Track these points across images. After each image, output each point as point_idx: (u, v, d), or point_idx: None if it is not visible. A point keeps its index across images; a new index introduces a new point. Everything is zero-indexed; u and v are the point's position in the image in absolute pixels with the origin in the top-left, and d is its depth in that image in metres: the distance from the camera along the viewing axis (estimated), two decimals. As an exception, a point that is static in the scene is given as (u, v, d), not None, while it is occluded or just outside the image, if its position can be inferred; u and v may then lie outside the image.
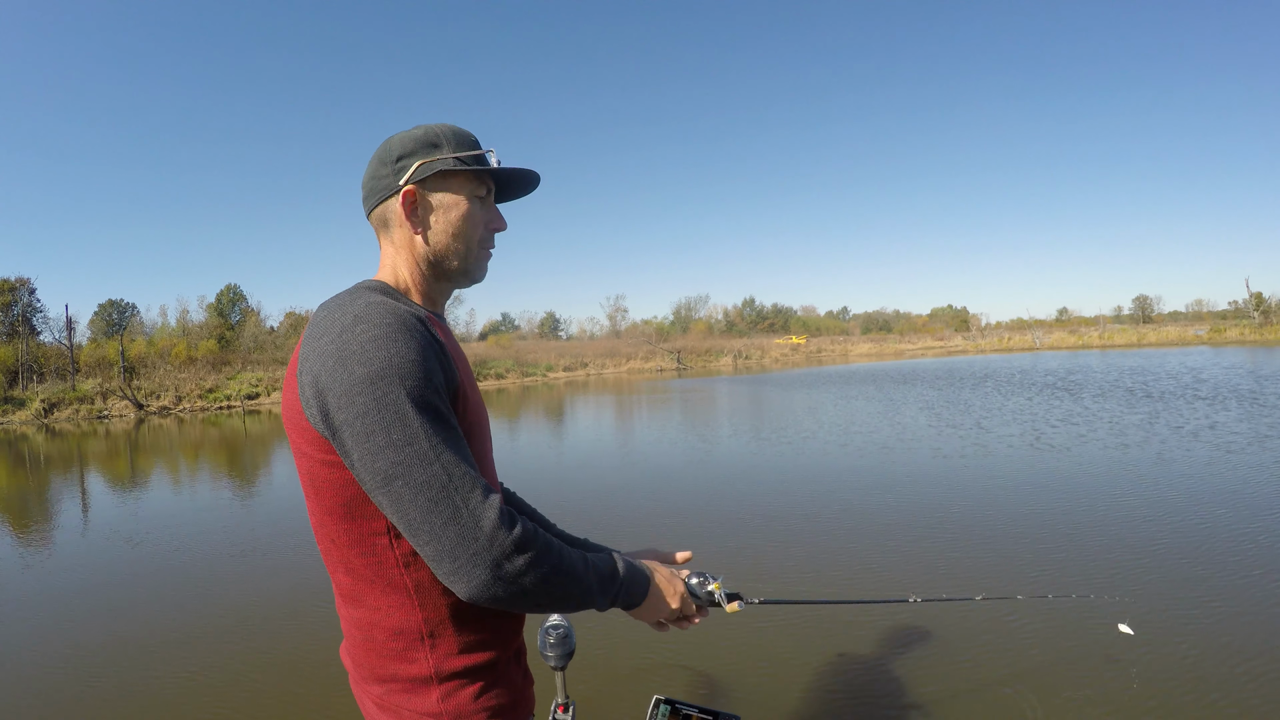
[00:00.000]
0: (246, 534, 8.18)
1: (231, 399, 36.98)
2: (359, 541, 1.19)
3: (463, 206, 1.33)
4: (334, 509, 1.19)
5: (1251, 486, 7.32)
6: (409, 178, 1.29)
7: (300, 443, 1.19)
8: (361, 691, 1.29)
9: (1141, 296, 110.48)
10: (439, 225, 1.32)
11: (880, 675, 3.89)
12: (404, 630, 1.20)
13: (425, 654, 1.21)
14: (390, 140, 1.33)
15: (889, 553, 5.93)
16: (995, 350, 59.25)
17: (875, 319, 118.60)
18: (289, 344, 54.42)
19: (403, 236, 1.33)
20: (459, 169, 1.31)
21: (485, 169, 1.34)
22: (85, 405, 34.39)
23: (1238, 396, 14.97)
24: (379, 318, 1.12)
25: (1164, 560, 5.32)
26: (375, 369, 1.08)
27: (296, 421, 1.18)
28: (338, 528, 1.20)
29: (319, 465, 1.17)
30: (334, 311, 1.17)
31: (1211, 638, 4.05)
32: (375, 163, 1.33)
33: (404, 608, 1.20)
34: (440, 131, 1.32)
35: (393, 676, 1.22)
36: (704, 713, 1.56)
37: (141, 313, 66.47)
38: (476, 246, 1.37)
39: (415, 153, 1.30)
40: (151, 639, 5.06)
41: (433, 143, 1.31)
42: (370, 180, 1.34)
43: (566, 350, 61.77)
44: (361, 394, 1.07)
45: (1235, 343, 45.26)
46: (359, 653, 1.26)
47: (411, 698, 1.21)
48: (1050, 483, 8.06)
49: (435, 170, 1.30)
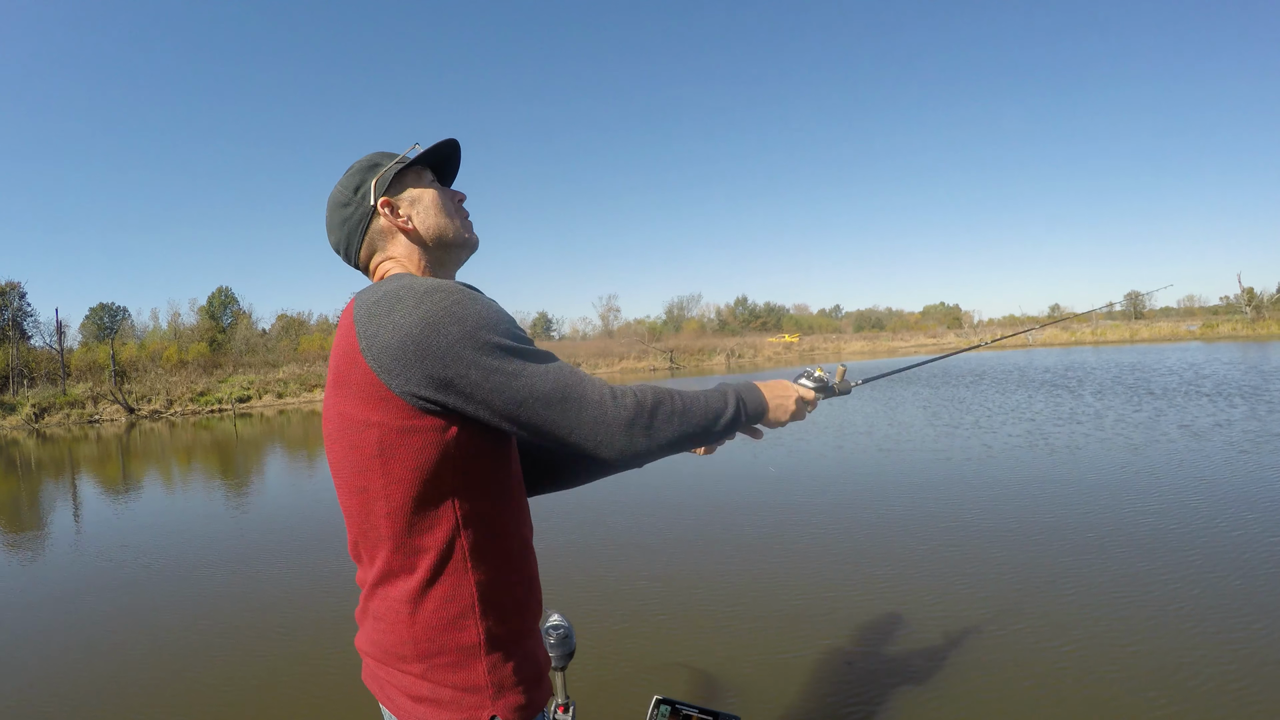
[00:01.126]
0: (238, 539, 8.14)
1: (223, 402, 36.86)
2: (421, 507, 1.24)
3: (428, 192, 1.45)
4: (403, 475, 1.23)
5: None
6: (375, 195, 1.40)
7: (370, 415, 1.22)
8: (389, 678, 1.30)
9: (1133, 292, 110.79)
10: (420, 213, 1.42)
11: (881, 675, 3.88)
12: (455, 597, 1.25)
13: (475, 621, 1.26)
14: (334, 191, 1.45)
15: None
16: (987, 347, 59.20)
17: (868, 317, 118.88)
18: (280, 346, 54.36)
19: (398, 243, 1.42)
20: (402, 167, 1.43)
21: (419, 155, 1.46)
22: (76, 409, 34.26)
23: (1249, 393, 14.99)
24: (451, 287, 1.23)
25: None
26: (468, 326, 1.18)
27: (369, 395, 1.22)
28: (404, 495, 1.24)
29: (394, 433, 1.21)
30: (398, 290, 1.23)
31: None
32: (335, 210, 1.44)
33: (457, 573, 1.25)
34: (370, 156, 1.45)
35: (440, 649, 1.25)
36: (704, 713, 1.56)
37: (133, 316, 66.47)
38: (457, 216, 1.48)
39: (364, 178, 1.41)
40: (140, 643, 5.02)
41: (371, 164, 1.43)
42: (342, 225, 1.44)
43: (559, 350, 61.53)
44: (465, 347, 1.17)
45: (1228, 338, 45.46)
46: (398, 632, 1.27)
47: (457, 671, 1.25)
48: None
49: (391, 177, 1.41)
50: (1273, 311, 56.85)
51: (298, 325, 63.04)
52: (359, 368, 1.22)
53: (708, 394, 1.38)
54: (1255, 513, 6.23)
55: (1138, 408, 13.44)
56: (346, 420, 1.26)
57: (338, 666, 4.39)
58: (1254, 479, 7.42)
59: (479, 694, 1.24)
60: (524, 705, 1.28)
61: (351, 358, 1.24)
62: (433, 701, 1.24)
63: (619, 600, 5.21)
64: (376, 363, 1.20)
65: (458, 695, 1.23)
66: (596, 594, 5.32)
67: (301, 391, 39.40)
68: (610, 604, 5.11)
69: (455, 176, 1.57)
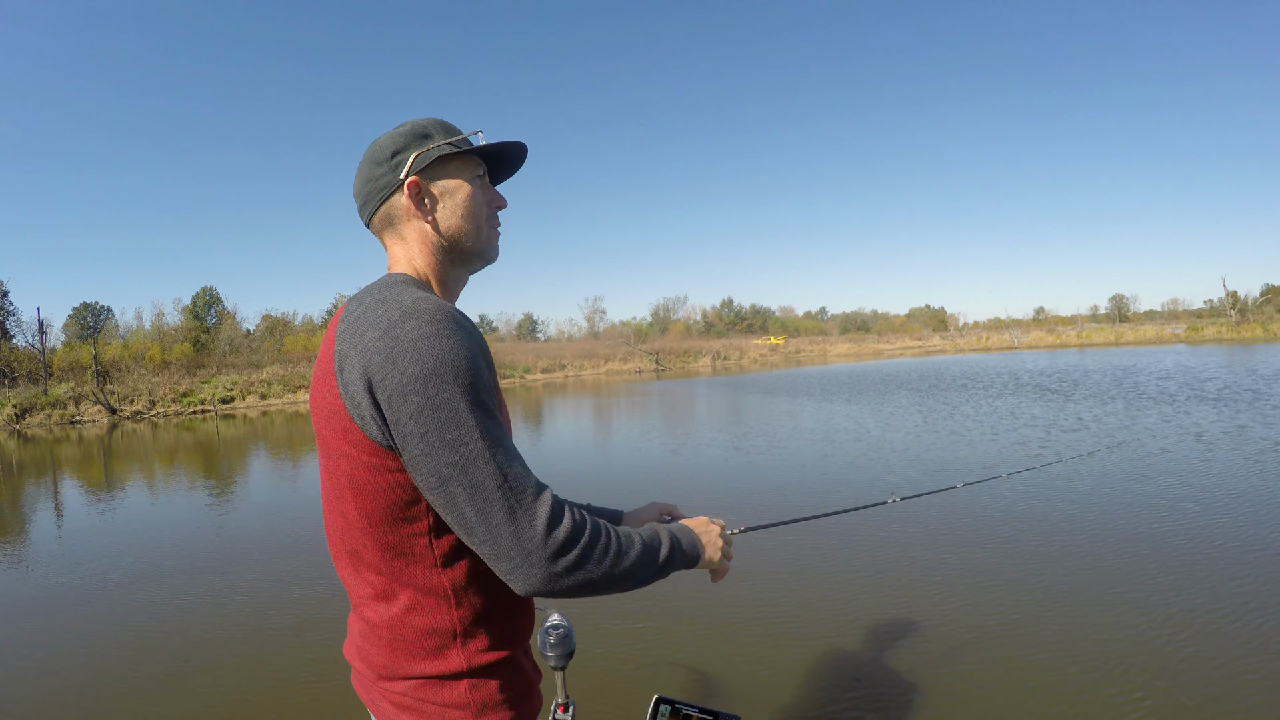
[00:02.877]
0: (220, 541, 8.05)
1: (206, 403, 36.57)
2: (397, 543, 1.19)
3: (465, 188, 1.34)
4: (374, 511, 1.17)
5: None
6: (409, 169, 1.30)
7: (341, 444, 1.17)
8: (376, 691, 1.28)
9: (1118, 295, 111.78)
10: (447, 209, 1.33)
11: (881, 675, 3.86)
12: (437, 629, 1.21)
13: (457, 650, 1.22)
14: (379, 140, 1.33)
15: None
16: (974, 350, 59.62)
17: (853, 319, 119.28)
18: (264, 347, 54.02)
19: (413, 229, 1.33)
20: (453, 153, 1.33)
21: (477, 148, 1.36)
22: (58, 410, 33.86)
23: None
24: (429, 313, 1.12)
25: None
26: (429, 367, 1.07)
27: (337, 423, 1.17)
28: (377, 530, 1.19)
29: (363, 469, 1.16)
30: (376, 307, 1.16)
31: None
32: (368, 164, 1.33)
33: (439, 608, 1.21)
34: (427, 123, 1.34)
35: (421, 674, 1.22)
36: (704, 713, 1.56)
37: (117, 316, 65.75)
38: (485, 225, 1.38)
39: (409, 146, 1.31)
40: (123, 644, 4.94)
41: (423, 134, 1.32)
42: (366, 184, 1.34)
43: (544, 352, 61.59)
44: (414, 392, 1.07)
45: (1212, 341, 45.89)
46: (381, 652, 1.25)
47: (439, 691, 1.22)
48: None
49: (433, 158, 1.31)
50: (1257, 314, 57.45)
51: (282, 326, 62.60)
52: (331, 392, 1.18)
53: (645, 545, 1.25)
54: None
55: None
56: (324, 443, 1.22)
57: (328, 669, 4.31)
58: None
59: (462, 710, 1.22)
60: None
61: (327, 381, 1.20)
62: (416, 713, 1.23)
63: (619, 600, 5.15)
64: (344, 388, 1.15)
65: (439, 710, 1.22)
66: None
67: (285, 393, 39.11)
68: (610, 604, 5.08)
69: (506, 179, 1.49)
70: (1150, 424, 11.50)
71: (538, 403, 28.24)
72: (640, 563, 1.22)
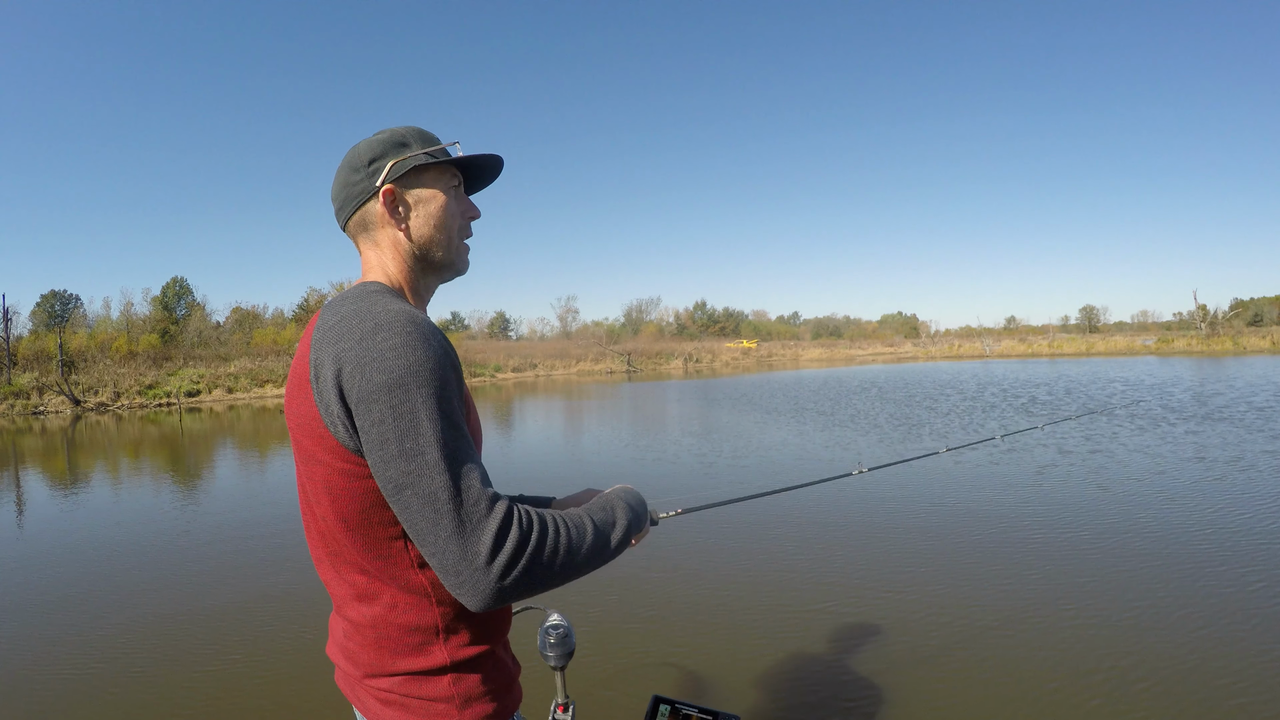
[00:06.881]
0: (184, 536, 7.91)
1: (171, 396, 36.00)
2: (374, 546, 1.22)
3: (439, 199, 1.38)
4: (351, 516, 1.21)
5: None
6: (385, 177, 1.33)
7: (316, 450, 1.20)
8: (361, 688, 1.30)
9: (1088, 306, 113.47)
10: (420, 219, 1.36)
11: (881, 674, 3.85)
12: (419, 627, 1.24)
13: (440, 646, 1.25)
14: (358, 146, 1.37)
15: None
16: (946, 357, 60.18)
17: (826, 324, 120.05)
18: (233, 340, 53.26)
19: (386, 236, 1.36)
20: (430, 163, 1.36)
21: (454, 159, 1.40)
22: (20, 400, 33.17)
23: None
24: (400, 325, 1.15)
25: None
26: (394, 376, 1.10)
27: (312, 430, 1.20)
28: (354, 534, 1.22)
29: (338, 474, 1.19)
30: (351, 317, 1.18)
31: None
32: (346, 170, 1.37)
33: (419, 606, 1.24)
34: (405, 132, 1.37)
35: (406, 670, 1.25)
36: (704, 713, 1.57)
37: (85, 305, 64.34)
38: (457, 236, 1.41)
39: (386, 154, 1.34)
40: (88, 642, 4.82)
41: (400, 142, 1.35)
42: (343, 189, 1.37)
43: (516, 351, 61.42)
44: (378, 401, 1.10)
45: (1183, 353, 46.64)
46: (366, 651, 1.28)
47: (423, 686, 1.25)
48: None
49: (409, 167, 1.34)
50: (1226, 328, 58.57)
51: (252, 318, 61.71)
52: (307, 399, 1.20)
53: (596, 524, 1.26)
54: None
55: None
56: (300, 449, 1.25)
57: (310, 668, 4.20)
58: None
59: (446, 703, 1.25)
60: (491, 714, 1.28)
61: (303, 388, 1.22)
62: (401, 708, 1.25)
63: (619, 600, 5.15)
64: (319, 395, 1.17)
65: (425, 704, 1.25)
66: (596, 593, 5.22)
67: (252, 386, 38.62)
68: (610, 603, 5.05)
69: (481, 190, 1.53)
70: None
71: (507, 403, 28.13)
72: (594, 549, 1.23)
